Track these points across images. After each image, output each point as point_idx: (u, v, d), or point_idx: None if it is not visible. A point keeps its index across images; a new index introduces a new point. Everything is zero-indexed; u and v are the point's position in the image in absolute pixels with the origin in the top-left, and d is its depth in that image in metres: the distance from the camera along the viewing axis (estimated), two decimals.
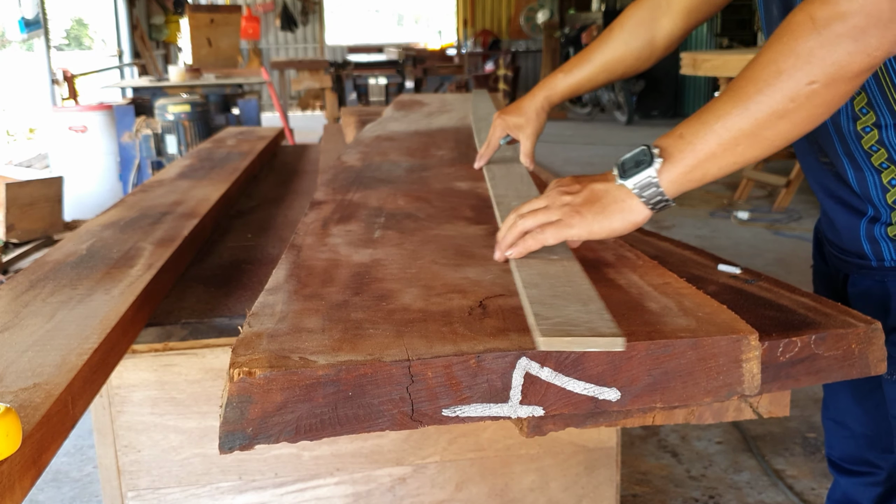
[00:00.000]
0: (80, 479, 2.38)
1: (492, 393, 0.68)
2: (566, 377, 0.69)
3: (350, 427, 0.67)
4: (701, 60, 5.63)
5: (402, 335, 0.71)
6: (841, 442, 1.26)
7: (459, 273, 0.89)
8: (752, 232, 4.99)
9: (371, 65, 10.13)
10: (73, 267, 1.16)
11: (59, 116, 5.57)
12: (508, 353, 0.68)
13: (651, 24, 1.24)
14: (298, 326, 0.74)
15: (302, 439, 0.66)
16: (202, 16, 7.60)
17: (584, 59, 1.30)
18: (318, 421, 0.66)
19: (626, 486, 2.28)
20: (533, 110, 1.29)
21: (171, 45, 11.68)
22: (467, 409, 0.68)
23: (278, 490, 1.25)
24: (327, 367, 0.65)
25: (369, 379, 0.66)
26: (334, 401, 0.65)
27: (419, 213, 1.13)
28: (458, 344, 0.69)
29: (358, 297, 0.82)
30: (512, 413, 0.69)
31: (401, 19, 18.23)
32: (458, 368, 0.67)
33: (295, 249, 0.97)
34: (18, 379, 0.79)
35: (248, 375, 0.63)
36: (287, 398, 0.64)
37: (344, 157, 1.49)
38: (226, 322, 1.15)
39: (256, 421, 0.64)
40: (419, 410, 0.67)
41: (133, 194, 1.64)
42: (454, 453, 1.29)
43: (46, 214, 4.18)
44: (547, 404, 0.70)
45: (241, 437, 0.65)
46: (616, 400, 0.71)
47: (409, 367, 0.66)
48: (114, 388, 1.19)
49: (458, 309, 0.78)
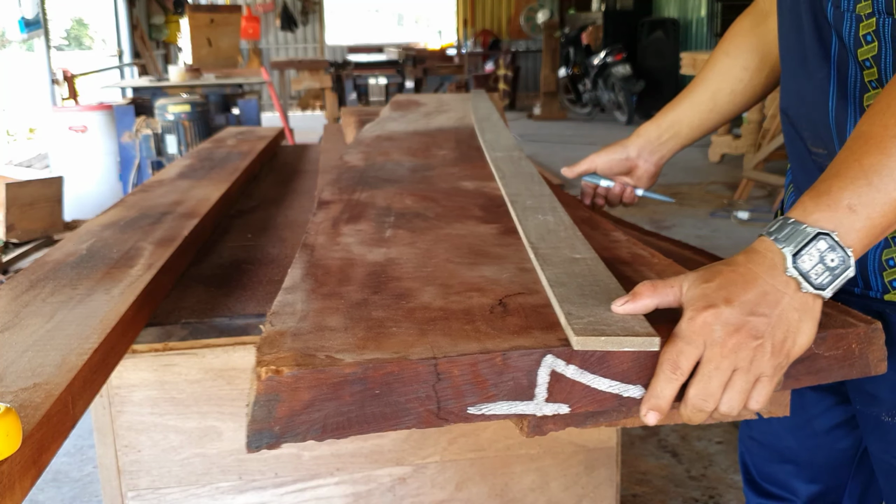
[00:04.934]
0: (80, 479, 2.38)
1: (517, 391, 0.68)
2: (591, 375, 0.69)
3: (376, 425, 0.66)
4: (701, 60, 5.63)
5: (426, 333, 0.71)
6: (762, 462, 1.21)
7: (475, 272, 0.88)
8: (752, 232, 4.99)
9: (371, 65, 10.13)
10: (73, 267, 1.16)
11: (59, 116, 5.58)
12: (534, 351, 0.68)
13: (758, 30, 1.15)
14: (321, 325, 0.74)
15: (328, 437, 0.66)
16: (202, 16, 7.60)
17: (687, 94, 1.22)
18: (345, 419, 0.65)
19: (626, 486, 2.28)
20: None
21: (171, 45, 11.68)
22: (493, 407, 0.68)
23: (278, 490, 1.25)
24: (354, 366, 0.65)
25: (396, 377, 0.66)
26: (361, 399, 0.65)
27: (428, 213, 1.12)
28: (483, 342, 0.69)
29: (377, 295, 0.81)
30: (537, 411, 0.69)
31: (401, 19, 18.24)
32: (483, 366, 0.67)
33: (308, 249, 0.97)
34: (18, 379, 0.79)
35: (276, 374, 0.63)
36: (314, 396, 0.64)
37: (346, 157, 1.49)
38: (226, 322, 1.15)
39: (284, 419, 0.64)
40: (445, 408, 0.67)
41: (133, 194, 1.64)
42: (454, 453, 1.29)
43: (46, 214, 4.18)
44: (572, 402, 0.70)
45: (268, 435, 0.64)
46: (640, 397, 0.71)
47: (436, 365, 0.66)
48: (114, 388, 1.19)
49: (479, 307, 0.78)
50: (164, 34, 11.32)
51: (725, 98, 1.18)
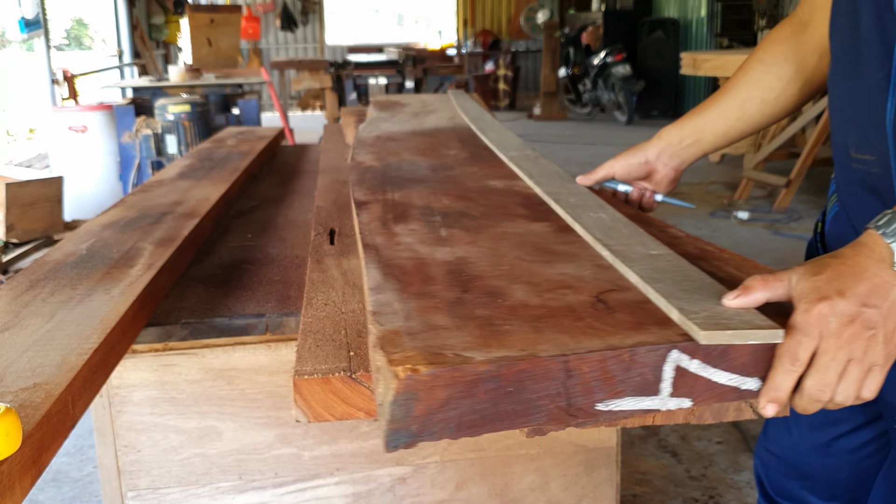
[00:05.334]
0: (80, 479, 2.38)
1: (644, 386, 0.69)
2: (713, 369, 0.70)
3: (508, 422, 0.67)
4: (701, 60, 5.63)
5: (541, 331, 0.71)
6: (779, 477, 1.21)
7: (554, 269, 0.88)
8: (752, 232, 4.99)
9: (371, 65, 10.14)
10: (73, 267, 1.16)
11: (59, 116, 5.57)
12: (660, 347, 0.68)
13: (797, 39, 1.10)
14: (430, 324, 0.73)
15: (462, 436, 0.66)
16: (202, 16, 7.59)
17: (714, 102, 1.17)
18: (478, 417, 0.66)
19: (626, 486, 2.28)
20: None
21: (171, 45, 11.68)
22: (620, 403, 0.69)
23: (278, 490, 1.25)
24: (487, 363, 0.65)
25: (528, 374, 0.66)
26: (494, 397, 0.65)
27: (471, 212, 1.11)
28: (604, 339, 0.69)
29: (468, 294, 0.81)
30: (662, 406, 0.70)
31: (401, 19, 18.23)
32: (612, 363, 0.67)
33: (372, 249, 0.96)
34: (18, 379, 0.79)
35: (414, 372, 0.63)
36: (450, 395, 0.64)
37: (358, 158, 1.48)
38: (226, 322, 1.15)
39: (421, 418, 0.64)
40: (575, 405, 0.68)
41: (133, 194, 1.64)
42: (454, 453, 1.29)
43: (46, 214, 4.18)
44: (695, 396, 0.70)
45: (405, 434, 0.64)
46: (757, 389, 0.72)
47: (566, 362, 0.66)
48: (114, 388, 1.19)
49: (579, 304, 0.77)
50: (164, 34, 11.32)
51: (755, 108, 1.14)
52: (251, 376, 1.20)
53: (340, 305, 0.97)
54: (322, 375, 0.78)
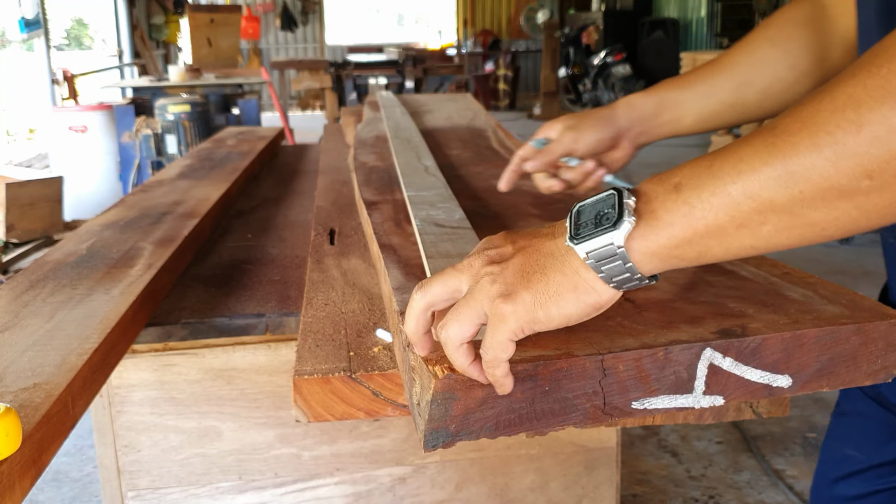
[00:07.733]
0: (80, 479, 2.38)
1: (678, 384, 0.69)
2: (745, 366, 0.70)
3: (545, 421, 0.67)
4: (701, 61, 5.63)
5: (573, 330, 0.70)
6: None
7: None
8: None
9: (371, 65, 10.15)
10: (73, 267, 1.16)
11: (59, 116, 5.58)
12: (694, 345, 0.68)
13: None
14: None
15: (500, 435, 0.66)
16: (202, 16, 7.60)
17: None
18: (516, 416, 0.66)
19: (626, 486, 2.28)
20: None
21: (171, 45, 11.68)
22: (655, 402, 0.69)
23: (278, 490, 1.25)
24: (524, 362, 0.65)
25: (565, 373, 0.66)
26: (532, 396, 0.65)
27: (484, 212, 1.11)
28: (638, 337, 0.69)
29: None
30: (695, 404, 0.70)
31: (401, 19, 18.23)
32: (647, 361, 0.67)
33: (390, 249, 0.96)
34: (18, 379, 0.79)
35: (452, 371, 0.63)
36: (488, 394, 0.64)
37: (362, 158, 1.48)
38: (226, 322, 1.15)
39: (459, 417, 0.64)
40: (610, 404, 0.68)
41: (133, 194, 1.64)
42: (454, 453, 1.29)
43: (46, 214, 4.18)
44: (727, 393, 0.70)
45: (444, 434, 0.65)
46: (788, 386, 0.72)
47: (602, 361, 0.66)
48: (114, 388, 1.19)
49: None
50: (164, 34, 11.32)
51: (754, 96, 0.93)
52: (251, 376, 1.20)
53: (340, 305, 0.97)
54: (322, 375, 0.78)
